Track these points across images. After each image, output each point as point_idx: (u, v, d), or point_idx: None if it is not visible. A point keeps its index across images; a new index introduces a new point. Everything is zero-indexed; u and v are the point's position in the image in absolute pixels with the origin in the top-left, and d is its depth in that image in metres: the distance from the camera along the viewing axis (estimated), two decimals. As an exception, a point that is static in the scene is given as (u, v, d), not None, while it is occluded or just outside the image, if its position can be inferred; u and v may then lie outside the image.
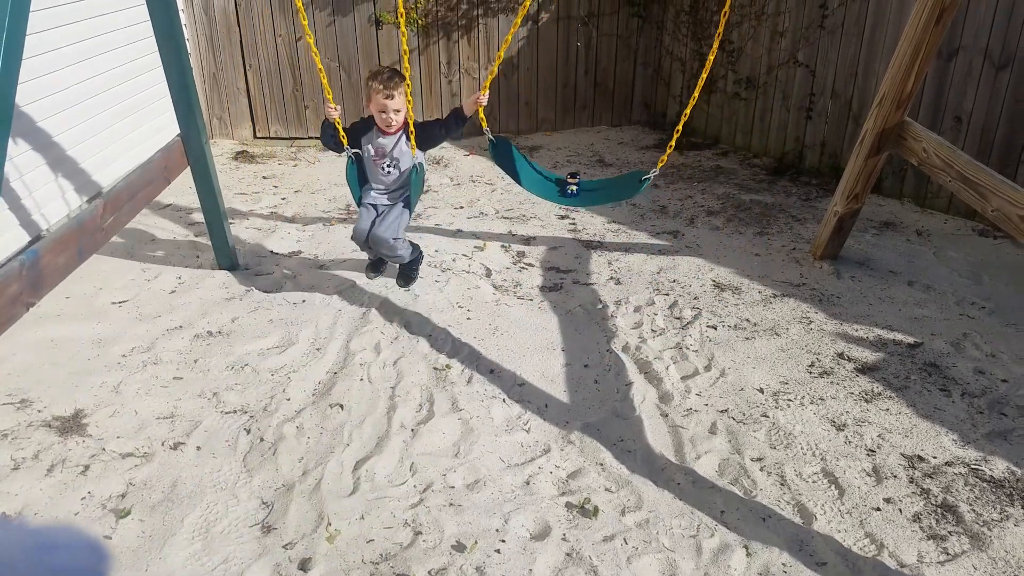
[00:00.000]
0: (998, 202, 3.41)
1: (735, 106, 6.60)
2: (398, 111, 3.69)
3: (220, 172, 4.59)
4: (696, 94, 3.42)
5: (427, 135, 3.77)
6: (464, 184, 6.03)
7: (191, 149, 4.16)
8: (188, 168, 4.27)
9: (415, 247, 4.14)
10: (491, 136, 3.73)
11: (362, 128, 3.85)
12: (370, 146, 3.83)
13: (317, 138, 6.98)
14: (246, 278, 4.38)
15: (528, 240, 4.95)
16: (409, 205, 3.89)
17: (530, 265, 4.60)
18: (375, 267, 4.27)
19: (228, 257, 4.45)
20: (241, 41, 6.65)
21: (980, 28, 4.74)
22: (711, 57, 3.40)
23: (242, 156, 6.57)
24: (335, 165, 6.41)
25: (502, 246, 4.82)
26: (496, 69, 3.57)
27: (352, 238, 3.98)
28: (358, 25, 6.65)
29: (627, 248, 4.83)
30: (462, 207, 5.53)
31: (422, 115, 7.04)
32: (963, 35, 4.83)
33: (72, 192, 4.48)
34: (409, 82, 3.59)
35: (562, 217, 5.33)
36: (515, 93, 7.14)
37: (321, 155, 6.71)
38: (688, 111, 3.54)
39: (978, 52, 4.79)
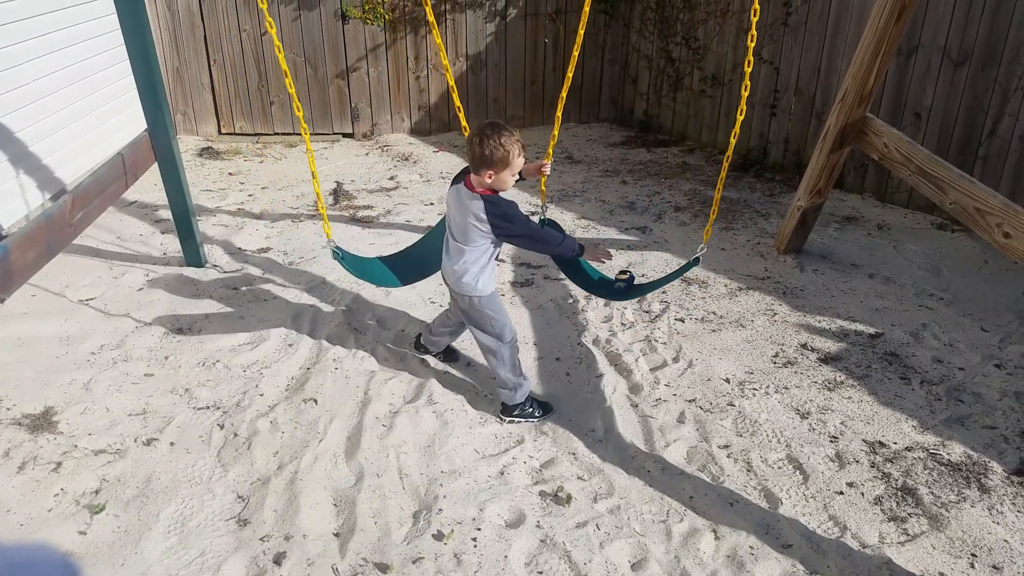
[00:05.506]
0: (956, 195, 3.53)
1: (701, 103, 6.70)
2: None
3: (185, 169, 4.54)
4: (736, 127, 3.02)
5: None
6: (434, 181, 6.04)
7: (159, 145, 4.12)
8: (153, 165, 4.23)
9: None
10: (544, 216, 3.35)
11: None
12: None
13: (283, 134, 6.96)
14: (215, 275, 4.35)
15: (499, 235, 4.98)
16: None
17: (501, 261, 4.63)
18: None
19: (196, 254, 4.42)
20: (205, 36, 6.58)
21: (939, 26, 4.89)
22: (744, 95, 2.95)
23: (207, 152, 6.50)
24: (301, 162, 6.37)
25: (473, 241, 4.85)
26: (554, 143, 3.09)
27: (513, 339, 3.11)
28: (324, 19, 6.62)
29: (597, 243, 4.89)
30: (432, 203, 5.55)
31: (389, 114, 7.04)
32: (922, 33, 4.97)
33: (37, 188, 4.41)
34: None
35: (532, 213, 5.37)
36: (483, 90, 7.16)
37: (287, 151, 6.67)
38: (734, 138, 3.07)
39: (936, 49, 4.93)
